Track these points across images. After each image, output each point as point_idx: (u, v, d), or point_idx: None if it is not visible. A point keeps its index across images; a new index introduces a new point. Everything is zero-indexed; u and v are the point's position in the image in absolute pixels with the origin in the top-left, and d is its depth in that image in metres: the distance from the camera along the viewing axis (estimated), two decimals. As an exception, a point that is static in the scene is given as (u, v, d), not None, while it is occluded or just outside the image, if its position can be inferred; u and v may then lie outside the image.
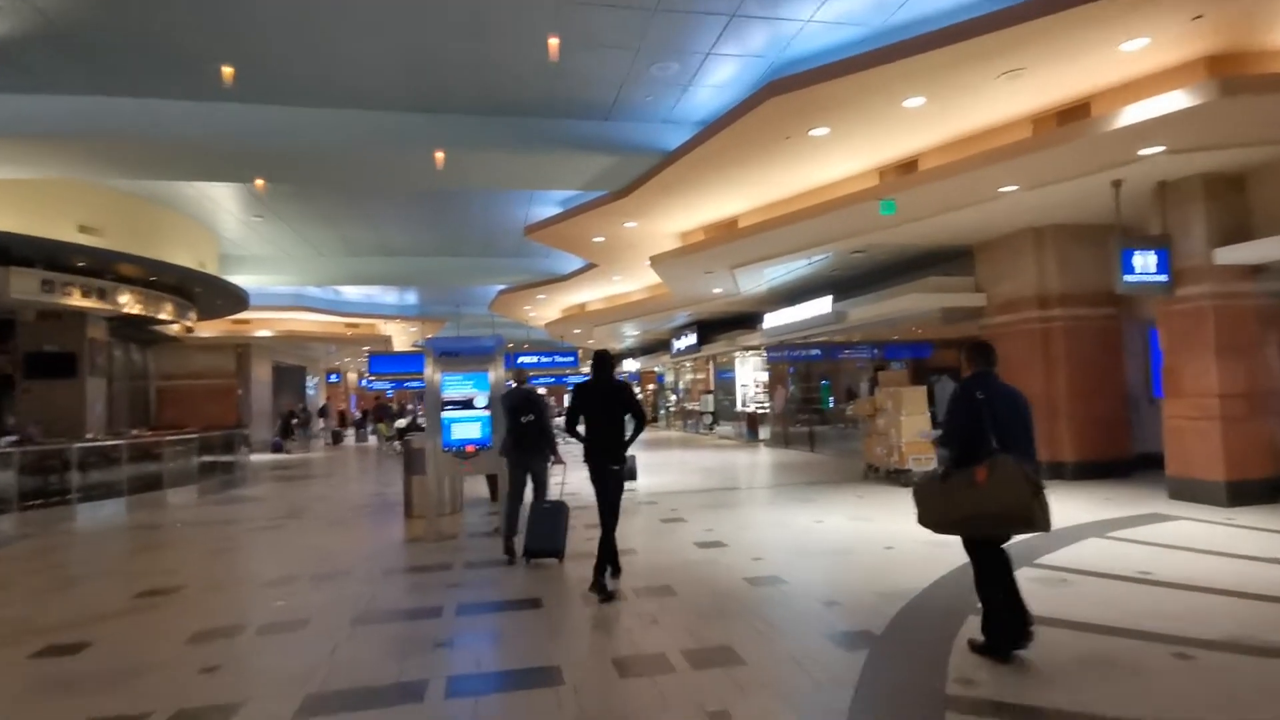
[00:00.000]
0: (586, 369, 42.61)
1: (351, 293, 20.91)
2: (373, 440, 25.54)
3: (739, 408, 21.89)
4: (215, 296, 14.35)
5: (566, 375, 47.36)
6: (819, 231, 10.04)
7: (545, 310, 21.44)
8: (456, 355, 7.45)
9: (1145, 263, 7.83)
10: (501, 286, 18.99)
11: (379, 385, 30.35)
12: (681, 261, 12.25)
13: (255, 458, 19.23)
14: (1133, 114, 6.28)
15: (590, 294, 18.87)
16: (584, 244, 12.68)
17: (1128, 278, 7.77)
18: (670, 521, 7.90)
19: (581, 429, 5.28)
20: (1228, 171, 7.74)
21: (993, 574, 3.74)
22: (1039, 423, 9.32)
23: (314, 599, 5.35)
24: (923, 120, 7.27)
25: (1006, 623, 3.67)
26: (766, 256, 11.75)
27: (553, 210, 11.73)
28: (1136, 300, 10.00)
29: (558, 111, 8.09)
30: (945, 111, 7.07)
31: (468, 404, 7.43)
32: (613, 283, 16.97)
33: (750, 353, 21.54)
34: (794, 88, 6.50)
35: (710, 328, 21.62)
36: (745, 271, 13.04)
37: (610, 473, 5.24)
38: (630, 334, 25.77)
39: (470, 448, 7.39)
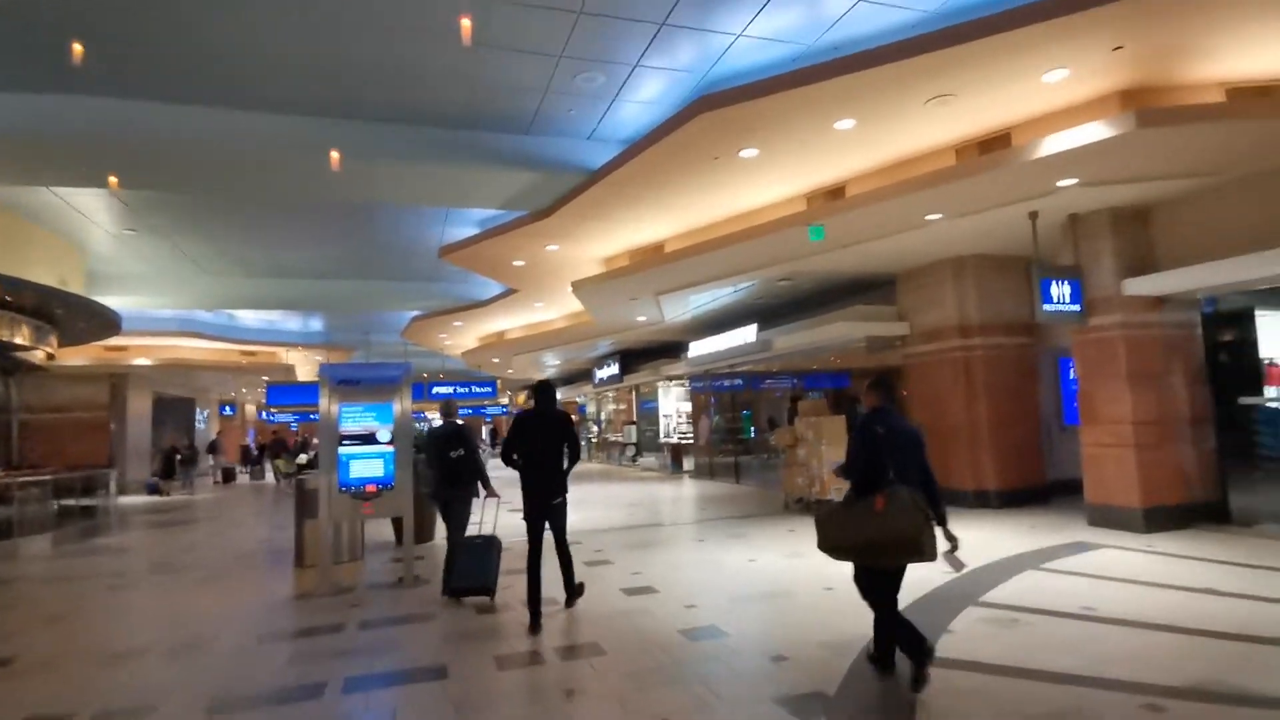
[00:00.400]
0: (505, 399, 41.28)
1: (248, 318, 19.36)
2: (270, 478, 23.64)
3: (662, 439, 21.52)
4: (79, 319, 12.76)
5: (485, 406, 46.18)
6: (747, 257, 9.84)
7: (462, 338, 20.53)
8: (357, 384, 6.67)
9: (1061, 293, 7.96)
10: (415, 313, 18.01)
11: (281, 418, 28.39)
12: (605, 287, 11.82)
13: (128, 500, 17.30)
14: (1051, 145, 6.33)
15: (510, 321, 18.16)
16: (504, 268, 12.07)
17: (1046, 307, 7.86)
18: (595, 564, 7.30)
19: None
20: (1134, 206, 8.01)
21: (882, 599, 3.94)
22: (965, 452, 9.38)
23: (165, 677, 4.45)
24: (852, 144, 7.16)
25: (891, 640, 3.96)
26: (693, 283, 11.48)
27: (470, 231, 11.08)
28: (1048, 329, 10.27)
29: (475, 122, 7.55)
30: (875, 136, 6.98)
31: (369, 439, 6.64)
32: (534, 309, 16.37)
33: (674, 382, 21.28)
34: (725, 104, 6.24)
35: (633, 357, 21.26)
36: (671, 299, 12.75)
37: (553, 508, 5.35)
38: (551, 363, 25.09)
39: (371, 487, 6.59)
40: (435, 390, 23.37)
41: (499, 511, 6.48)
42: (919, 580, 5.77)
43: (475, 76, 6.50)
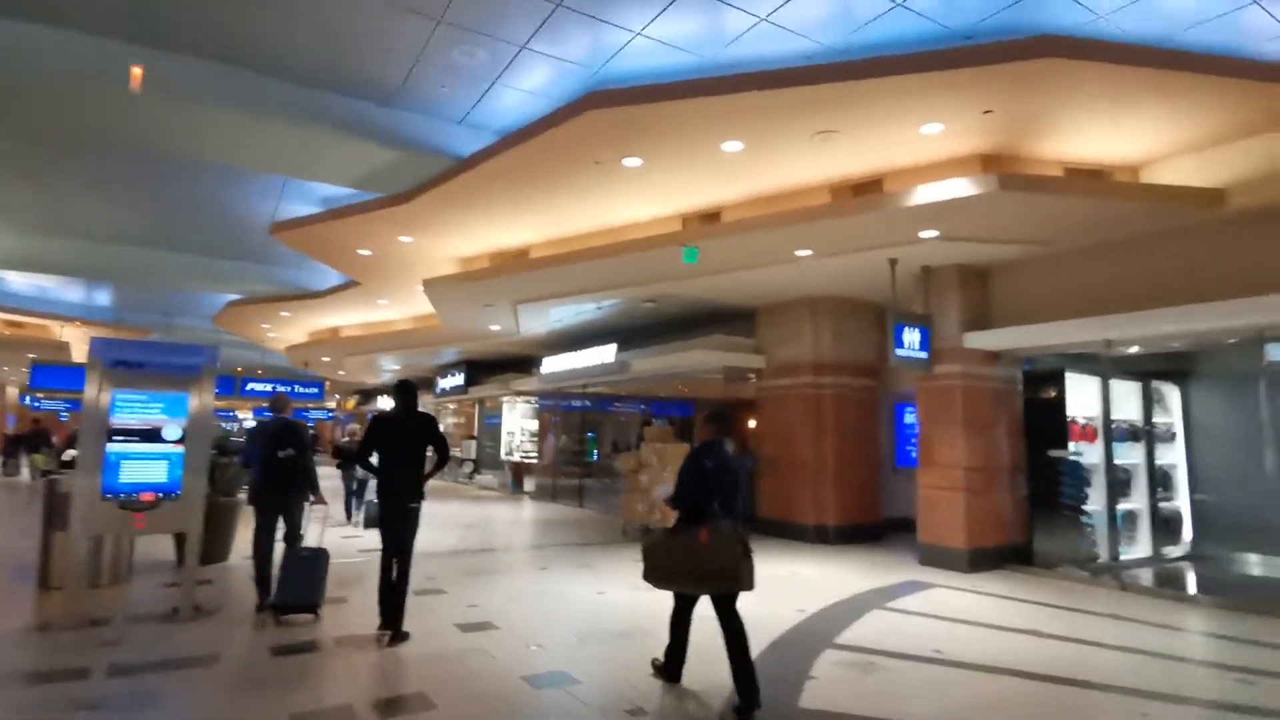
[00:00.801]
0: (332, 404, 38.03)
1: (15, 280, 16.10)
2: (26, 475, 19.73)
3: (503, 456, 20.56)
4: None
5: (309, 410, 42.43)
6: (616, 273, 9.49)
7: (288, 331, 18.45)
8: (140, 368, 5.43)
9: (912, 339, 8.35)
10: (234, 296, 15.90)
11: (48, 405, 24.02)
12: (460, 290, 10.97)
13: None
14: (920, 195, 6.58)
15: (347, 317, 16.56)
16: (347, 256, 10.84)
17: (898, 351, 8.20)
18: (426, 593, 6.45)
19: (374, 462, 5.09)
20: (978, 265, 8.62)
21: (682, 617, 4.23)
22: (809, 487, 9.52)
23: None
24: (736, 168, 7.06)
25: (680, 657, 4.24)
26: (555, 295, 10.96)
27: (311, 209, 9.82)
28: (889, 374, 10.85)
29: (331, 81, 6.60)
30: (759, 163, 6.92)
31: (152, 435, 5.41)
32: (376, 307, 15.02)
33: (520, 398, 20.47)
34: (616, 103, 5.89)
35: (481, 368, 20.21)
36: (529, 309, 12.12)
37: (409, 511, 5.06)
38: (389, 367, 23.30)
39: (148, 495, 5.35)
40: (250, 387, 20.86)
41: (325, 523, 6.09)
42: (773, 621, 5.60)
43: (337, 25, 5.63)
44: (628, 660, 4.75)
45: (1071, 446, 8.27)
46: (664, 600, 6.28)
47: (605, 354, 12.67)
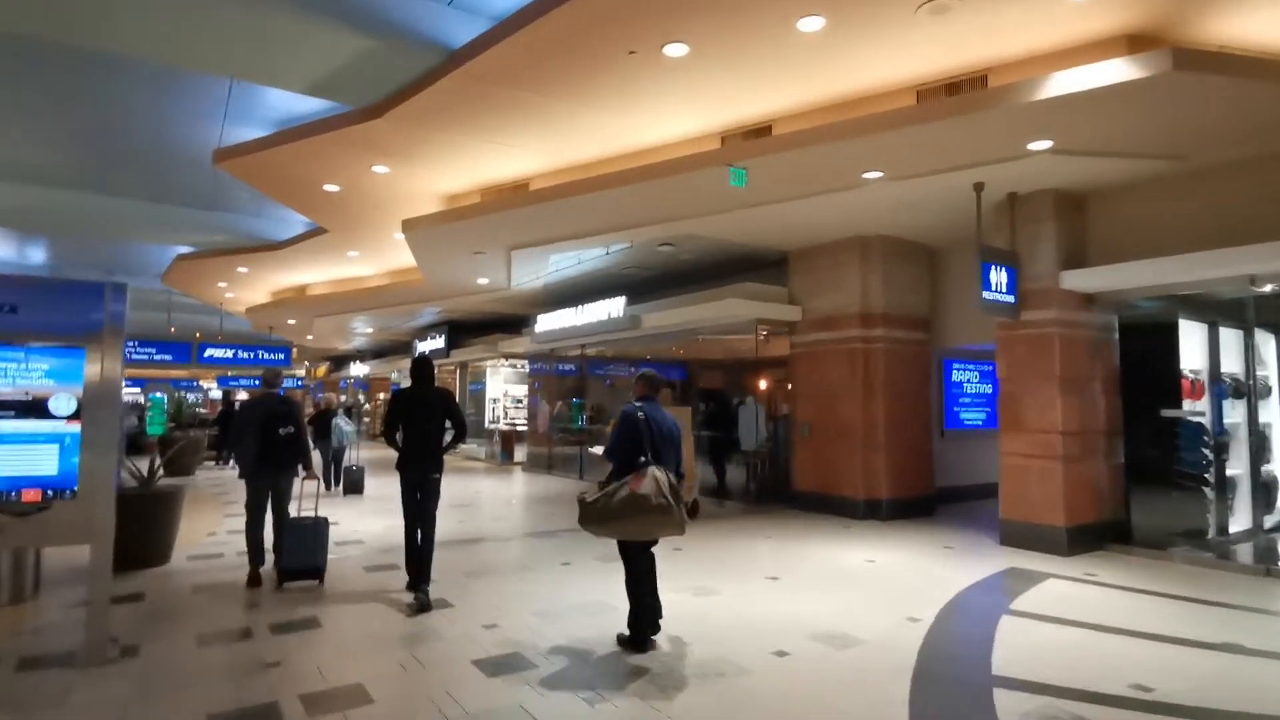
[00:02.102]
0: (301, 371, 36.08)
1: (-77, 235, 14.02)
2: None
3: (489, 424, 19.05)
4: None
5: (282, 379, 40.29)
6: (638, 206, 7.92)
7: (248, 291, 16.57)
8: (12, 314, 3.81)
9: (999, 280, 6.97)
10: (183, 249, 14.00)
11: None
12: (446, 232, 9.33)
13: None
14: (1060, 83, 5.10)
15: (314, 273, 14.75)
16: (310, 193, 9.11)
17: (986, 295, 6.82)
18: (433, 608, 5.00)
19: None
20: (1073, 191, 7.22)
21: (637, 575, 4.27)
22: (857, 456, 8.07)
23: None
24: (806, 59, 5.52)
25: (643, 619, 4.22)
26: (559, 237, 9.36)
27: (264, 132, 8.07)
28: (940, 326, 9.51)
29: (274, -74, 4.90)
30: (839, 50, 5.39)
31: (33, 409, 3.83)
32: (346, 260, 13.24)
33: (506, 363, 18.90)
34: (674, -52, 4.29)
35: (464, 329, 18.55)
36: (526, 257, 10.51)
37: (430, 481, 5.25)
38: (362, 331, 21.50)
39: (30, 493, 3.79)
40: (209, 354, 18.99)
41: (318, 495, 6.14)
42: (892, 639, 4.21)
43: None
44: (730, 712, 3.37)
45: (1185, 405, 7.00)
46: (727, 604, 4.93)
47: (613, 307, 11.15)
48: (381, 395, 28.31)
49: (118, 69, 6.99)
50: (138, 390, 31.38)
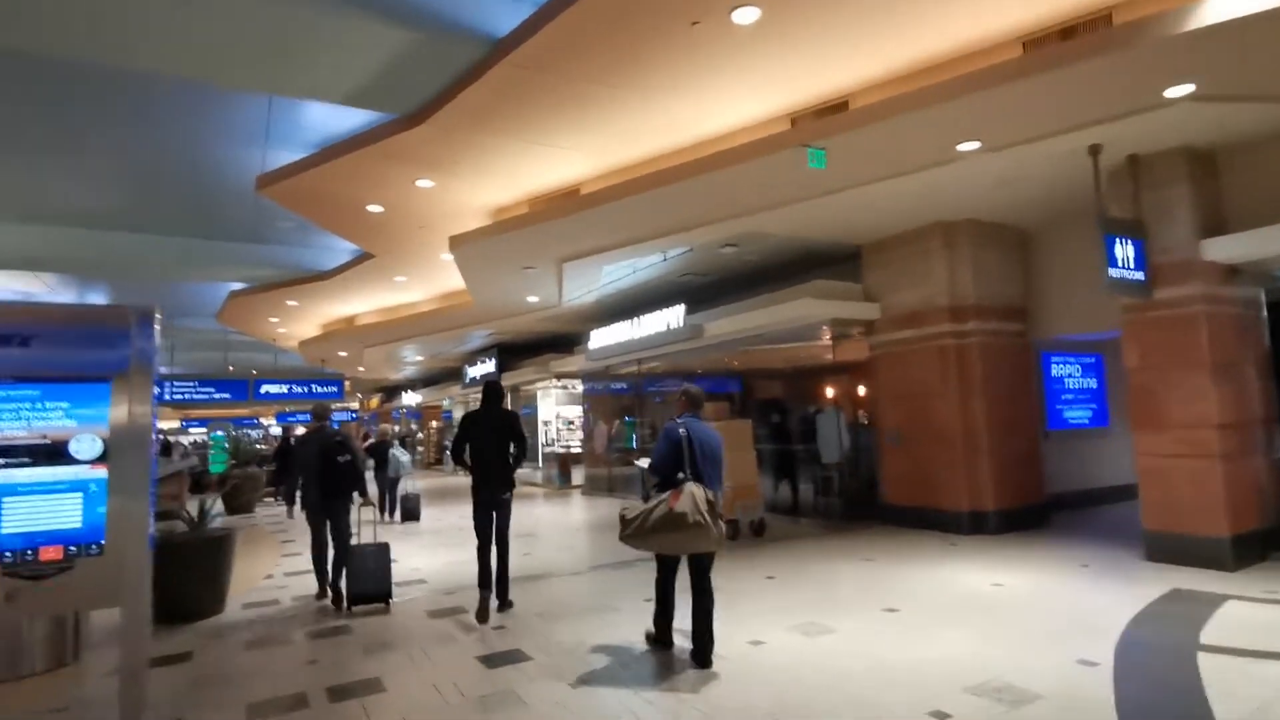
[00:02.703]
0: (355, 404, 36.40)
1: (-9, 287, 14.30)
2: None
3: (543, 448, 18.53)
4: None
5: (333, 411, 40.85)
6: (703, 200, 7.26)
7: (299, 324, 16.49)
8: (24, 347, 3.35)
9: (1125, 255, 6.07)
10: (235, 286, 13.94)
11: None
12: (495, 246, 8.84)
13: None
14: (1213, 9, 4.28)
15: (362, 303, 14.52)
16: (354, 216, 8.76)
17: (1113, 272, 5.94)
18: (498, 661, 4.37)
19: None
20: (1203, 149, 6.29)
21: (666, 582, 4.43)
22: (958, 464, 7.39)
23: None
24: (895, 18, 4.82)
25: (665, 620, 4.44)
26: (613, 245, 8.77)
27: (302, 155, 7.73)
28: (1036, 316, 8.56)
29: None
30: (933, 5, 4.67)
31: (53, 454, 3.35)
32: (394, 286, 12.93)
33: (558, 383, 18.40)
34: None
35: (513, 351, 18.15)
36: (577, 269, 9.96)
37: (501, 501, 5.51)
38: (412, 359, 21.34)
39: (52, 550, 3.29)
40: (264, 390, 19.01)
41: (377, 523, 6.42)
42: (1075, 691, 3.36)
43: None
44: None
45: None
46: (845, 646, 4.15)
47: (672, 317, 10.50)
48: (434, 423, 28.20)
49: (155, 99, 6.73)
50: (204, 430, 32.04)
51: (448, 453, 25.17)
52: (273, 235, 11.33)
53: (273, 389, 18.92)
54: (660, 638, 4.44)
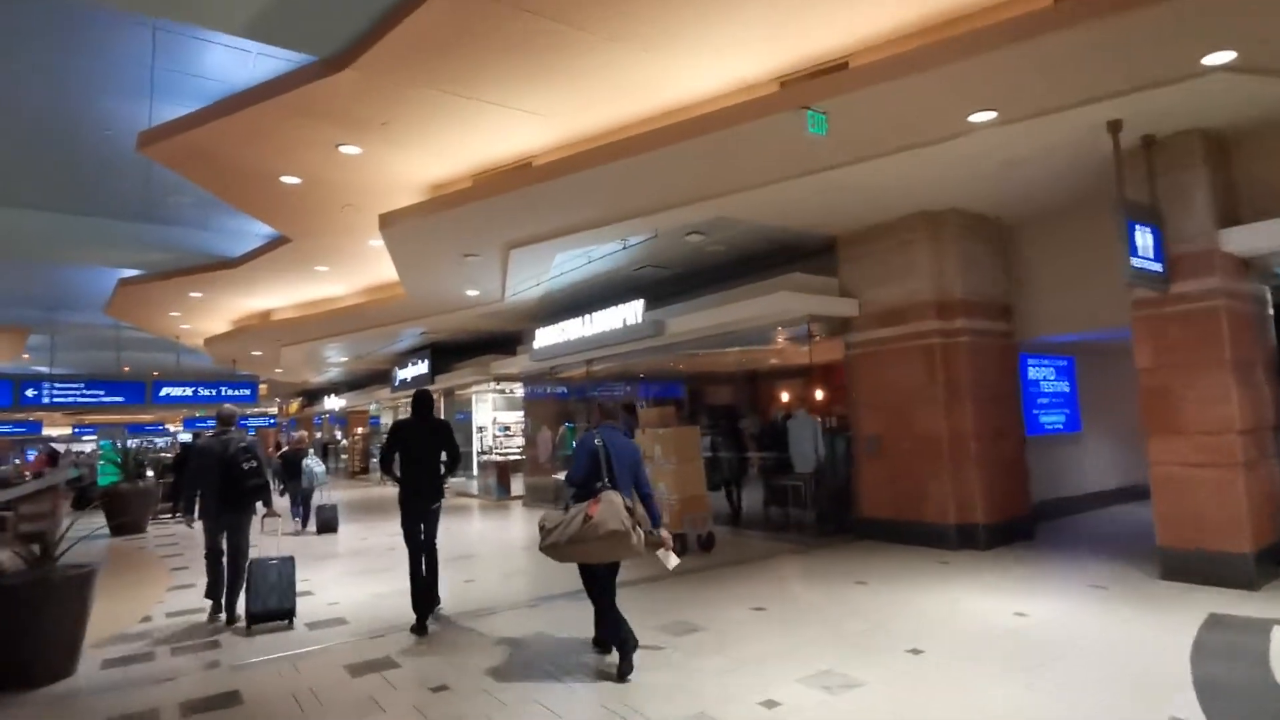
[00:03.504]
0: (274, 409, 34.03)
1: None
2: None
3: (480, 455, 17.29)
4: None
5: (246, 416, 38.12)
6: (678, 174, 6.40)
7: (205, 319, 14.78)
8: None
9: (1145, 244, 5.53)
10: (127, 272, 12.23)
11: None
12: (434, 227, 7.75)
13: None
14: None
15: (278, 296, 13.03)
16: (264, 189, 7.51)
17: (1134, 261, 5.37)
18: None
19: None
20: (1220, 132, 5.82)
21: (602, 590, 4.32)
22: (944, 473, 6.99)
23: None
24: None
25: (609, 626, 4.31)
26: (570, 228, 7.81)
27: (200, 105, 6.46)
28: (1020, 315, 8.07)
29: None
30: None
31: None
32: (315, 277, 11.56)
33: (496, 388, 17.22)
34: None
35: (448, 353, 16.84)
36: (525, 258, 8.93)
37: (430, 512, 5.45)
38: (336, 360, 19.69)
39: None
40: (164, 393, 17.08)
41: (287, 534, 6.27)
42: None
43: None
44: None
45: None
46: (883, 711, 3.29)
47: (630, 313, 9.59)
48: (359, 430, 26.37)
49: (15, 36, 5.40)
50: (94, 438, 29.10)
51: (374, 462, 23.47)
52: (168, 214, 9.82)
53: (175, 392, 16.99)
54: (604, 643, 4.48)
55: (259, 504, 5.78)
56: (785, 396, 13.58)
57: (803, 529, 8.45)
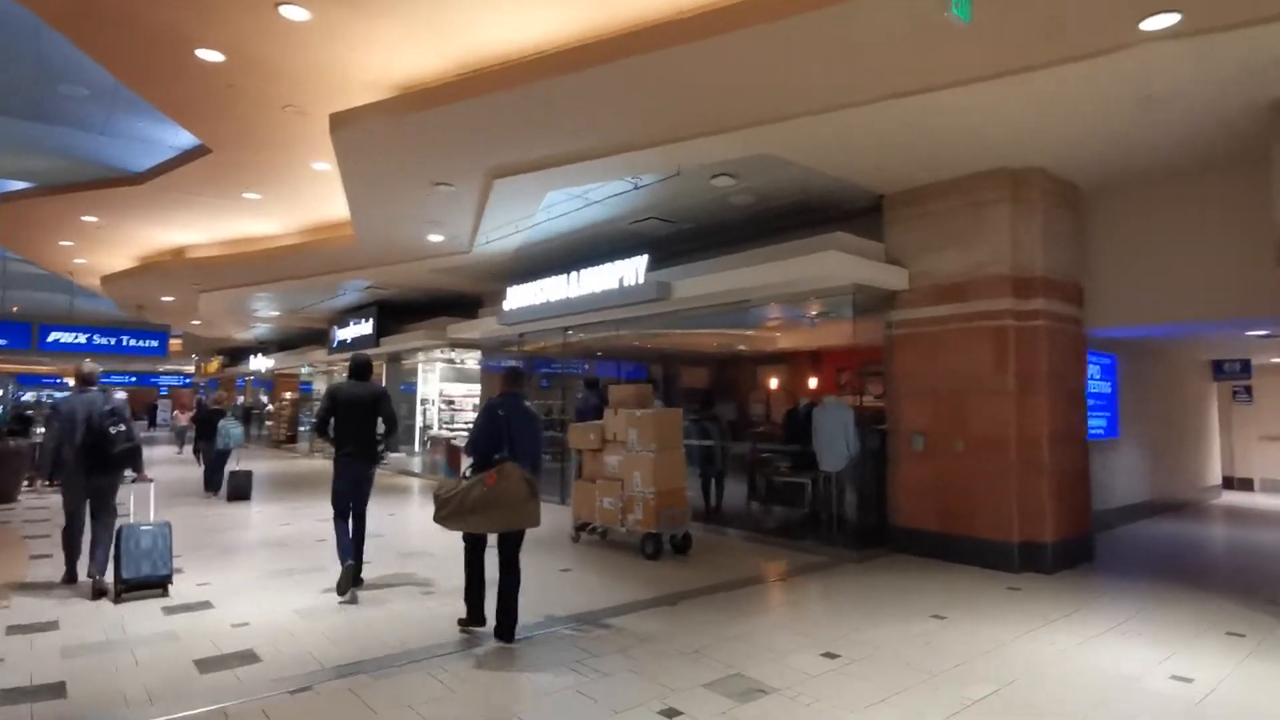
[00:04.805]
0: (191, 368, 31.01)
1: None
2: None
3: (428, 432, 15.54)
4: None
5: (159, 374, 34.91)
6: (739, 74, 4.90)
7: (104, 253, 12.49)
8: None
9: (1328, 209, 4.38)
10: (11, 184, 10.02)
11: None
12: (402, 135, 6.09)
13: None
14: None
15: (196, 229, 10.94)
16: (173, 66, 5.66)
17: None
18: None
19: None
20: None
21: (476, 563, 4.35)
22: (1010, 480, 6.05)
23: None
24: None
25: (478, 598, 4.35)
26: (574, 154, 6.24)
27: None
28: (1093, 300, 6.97)
29: None
30: None
31: None
32: (243, 206, 9.57)
33: (448, 355, 15.46)
34: None
35: (397, 313, 14.95)
36: (511, 190, 7.29)
37: (365, 477, 5.41)
38: (266, 314, 17.46)
39: None
40: (53, 338, 14.65)
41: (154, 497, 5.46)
42: None
43: None
44: None
45: None
46: None
47: (629, 271, 8.08)
48: (289, 395, 23.99)
49: None
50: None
51: (303, 430, 21.21)
52: (60, 109, 7.81)
53: (65, 338, 14.53)
54: (472, 618, 4.34)
55: (129, 470, 5.43)
56: (772, 382, 12.39)
57: (825, 538, 7.18)
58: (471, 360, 15.34)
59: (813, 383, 10.17)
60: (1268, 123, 5.07)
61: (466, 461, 4.33)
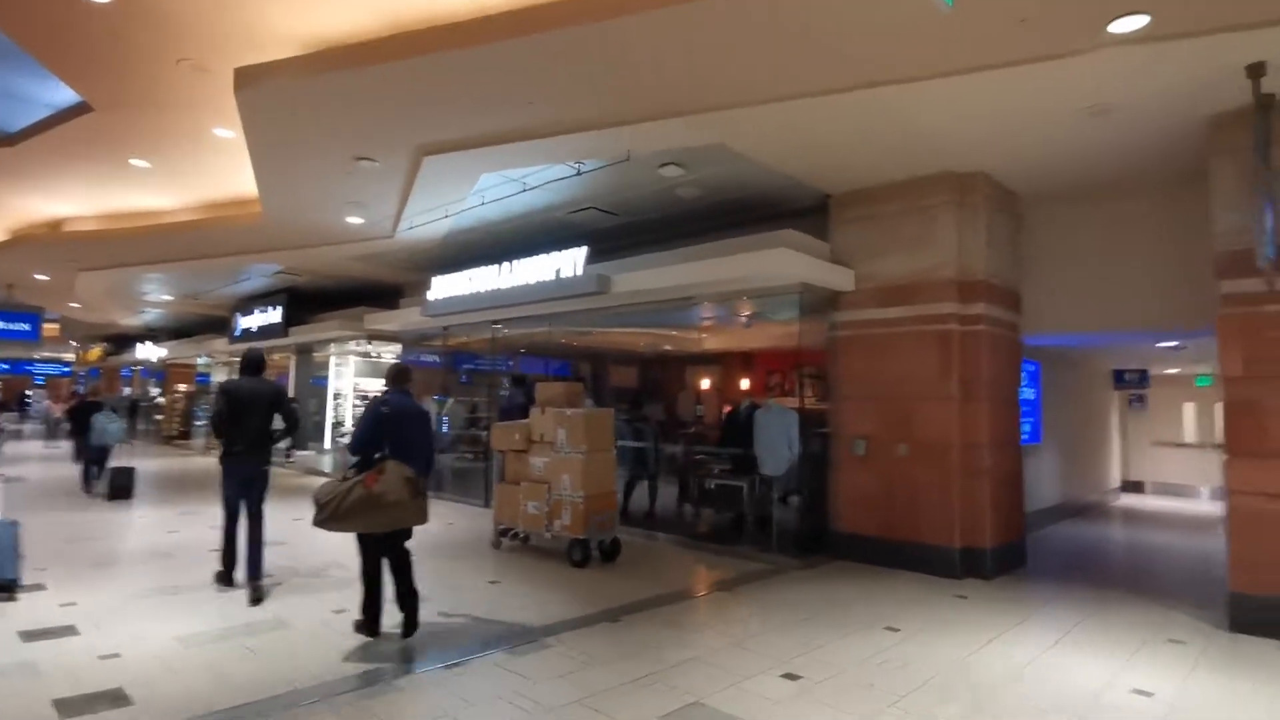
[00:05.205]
0: (70, 355, 28.30)
1: None
2: None
3: (339, 429, 14.53)
4: None
5: (32, 361, 31.80)
6: (699, 50, 4.59)
7: (-36, 222, 10.99)
8: None
9: (1267, 229, 4.47)
10: None
11: None
12: (318, 97, 5.48)
13: None
14: None
15: (76, 199, 9.74)
16: (56, 12, 4.84)
17: (1269, 251, 4.28)
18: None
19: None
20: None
21: (372, 565, 4.17)
22: (952, 486, 6.12)
23: None
24: None
25: (374, 606, 4.16)
26: (515, 131, 5.78)
27: None
28: (1029, 307, 7.08)
29: None
30: None
31: None
32: (130, 175, 8.53)
33: (362, 348, 14.52)
34: None
35: (308, 301, 13.93)
36: (443, 169, 6.73)
37: (260, 473, 5.21)
38: (157, 297, 15.93)
39: None
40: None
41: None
42: None
43: None
44: None
45: None
46: None
47: (566, 263, 7.65)
48: (182, 387, 22.12)
49: None
50: None
51: (197, 426, 19.53)
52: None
53: (-87, 317, 12.79)
54: (369, 625, 4.16)
55: None
56: (706, 382, 12.23)
57: (763, 544, 6.97)
58: (389, 354, 14.45)
59: (744, 384, 10.03)
60: (1205, 138, 5.19)
61: (349, 461, 4.22)
